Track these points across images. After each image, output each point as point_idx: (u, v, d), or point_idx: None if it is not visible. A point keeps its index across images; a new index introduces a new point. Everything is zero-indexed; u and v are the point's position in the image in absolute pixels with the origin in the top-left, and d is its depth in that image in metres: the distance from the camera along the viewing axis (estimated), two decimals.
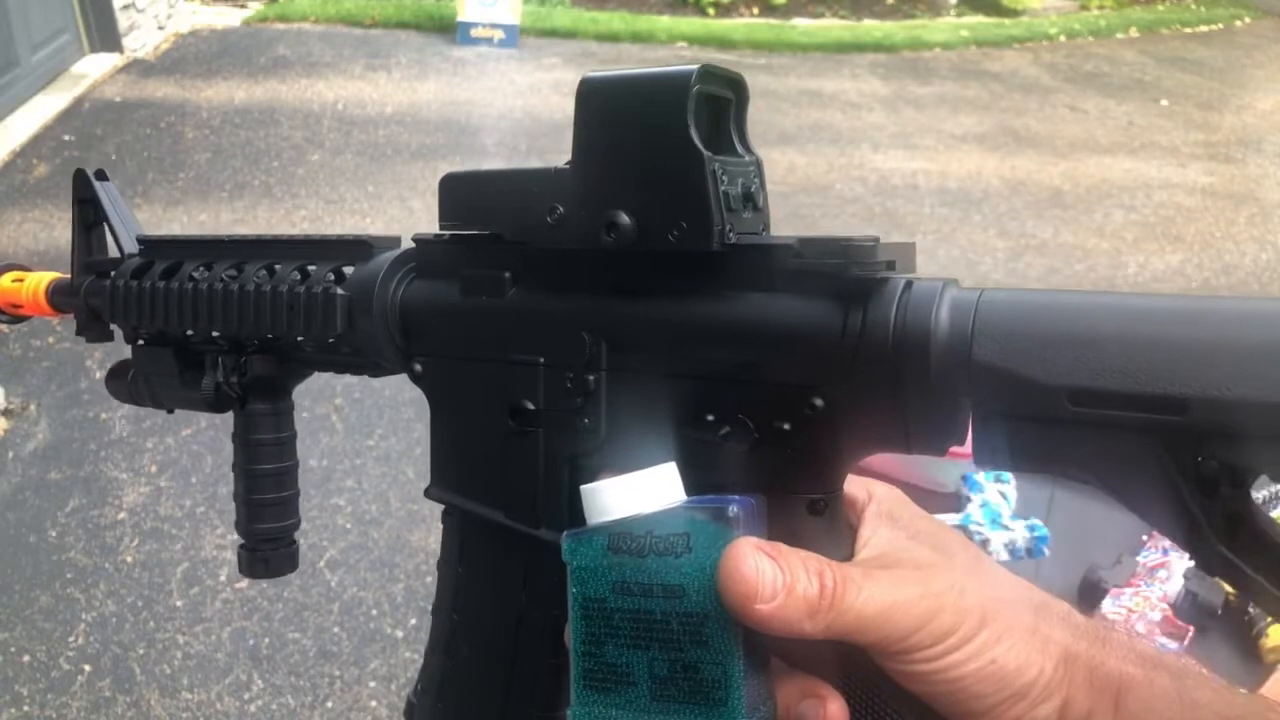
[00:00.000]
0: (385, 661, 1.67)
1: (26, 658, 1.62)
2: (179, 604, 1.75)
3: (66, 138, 3.69)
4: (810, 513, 0.33)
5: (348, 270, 0.43)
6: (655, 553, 0.31)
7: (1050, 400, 0.28)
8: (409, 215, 3.32)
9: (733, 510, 0.30)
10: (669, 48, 5.80)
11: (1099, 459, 0.28)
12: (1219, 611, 1.03)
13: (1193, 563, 1.08)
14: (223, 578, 1.82)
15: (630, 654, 0.31)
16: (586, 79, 0.35)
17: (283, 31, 5.33)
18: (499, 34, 5.32)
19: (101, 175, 0.54)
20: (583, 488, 0.32)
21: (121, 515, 1.95)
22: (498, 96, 4.59)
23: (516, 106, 4.48)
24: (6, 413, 2.21)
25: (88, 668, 1.61)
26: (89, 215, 0.54)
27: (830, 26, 6.68)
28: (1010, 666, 0.29)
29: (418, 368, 0.40)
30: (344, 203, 3.39)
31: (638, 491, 0.31)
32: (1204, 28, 7.67)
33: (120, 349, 0.53)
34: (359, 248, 0.43)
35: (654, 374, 0.35)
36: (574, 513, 0.36)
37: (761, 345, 0.33)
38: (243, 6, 5.74)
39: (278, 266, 0.45)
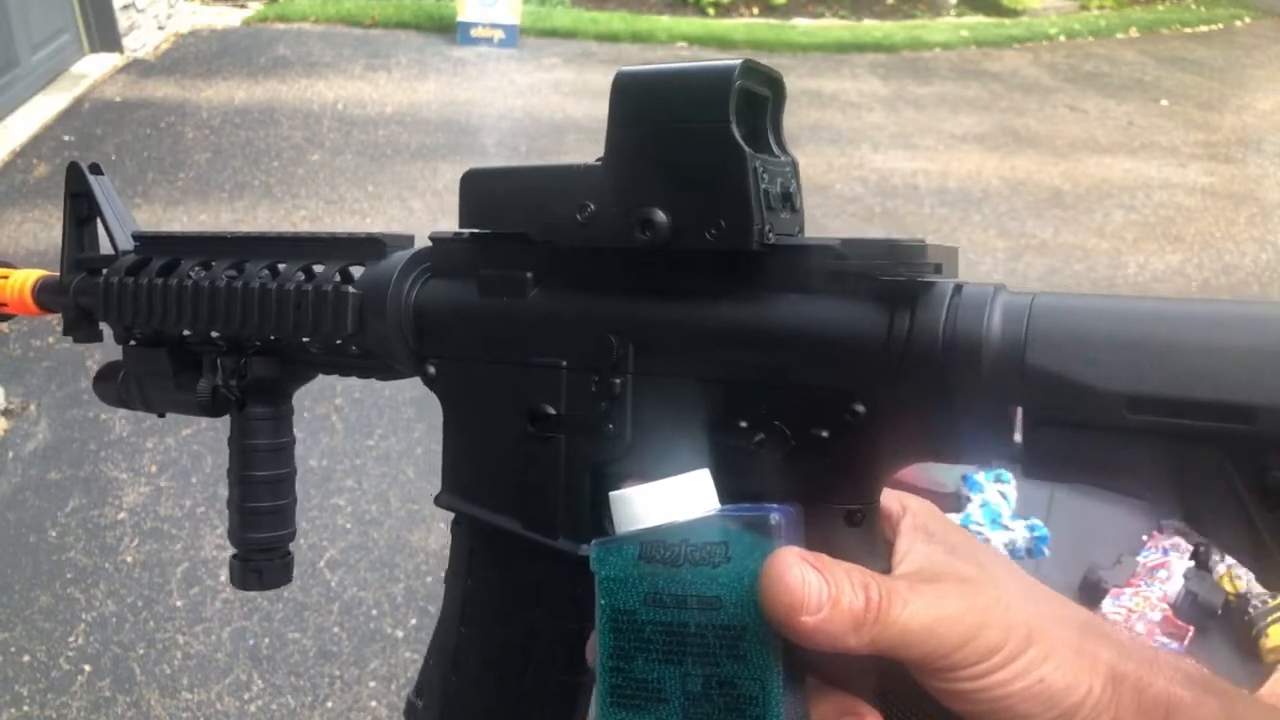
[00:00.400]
0: (385, 661, 1.67)
1: (26, 658, 1.62)
2: (179, 604, 1.75)
3: (66, 138, 3.69)
4: (848, 524, 0.32)
5: (355, 270, 0.42)
6: (690, 563, 0.29)
7: (1108, 407, 0.27)
8: (409, 215, 3.32)
9: (774, 519, 0.29)
10: (669, 48, 5.80)
11: (1157, 469, 0.27)
12: (1219, 611, 1.03)
13: (1192, 562, 1.08)
14: (223, 578, 1.82)
15: (662, 669, 0.30)
16: (622, 73, 0.33)
17: (283, 31, 5.33)
18: (499, 34, 5.32)
19: (96, 169, 0.52)
20: (611, 495, 0.31)
21: (121, 515, 1.95)
22: (498, 96, 4.59)
23: (516, 106, 4.48)
24: (7, 413, 2.21)
25: (88, 668, 1.61)
26: (82, 210, 0.52)
27: (830, 26, 6.68)
28: (1058, 686, 0.28)
29: (431, 370, 0.39)
30: (344, 203, 3.39)
31: (670, 499, 0.30)
32: (1204, 28, 7.67)
33: (116, 350, 0.52)
34: (371, 246, 0.42)
35: (684, 378, 0.34)
36: (596, 522, 0.35)
37: (800, 349, 0.32)
38: (243, 6, 5.74)
39: (282, 265, 0.44)
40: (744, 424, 0.32)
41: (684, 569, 0.29)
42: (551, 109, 4.49)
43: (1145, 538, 1.12)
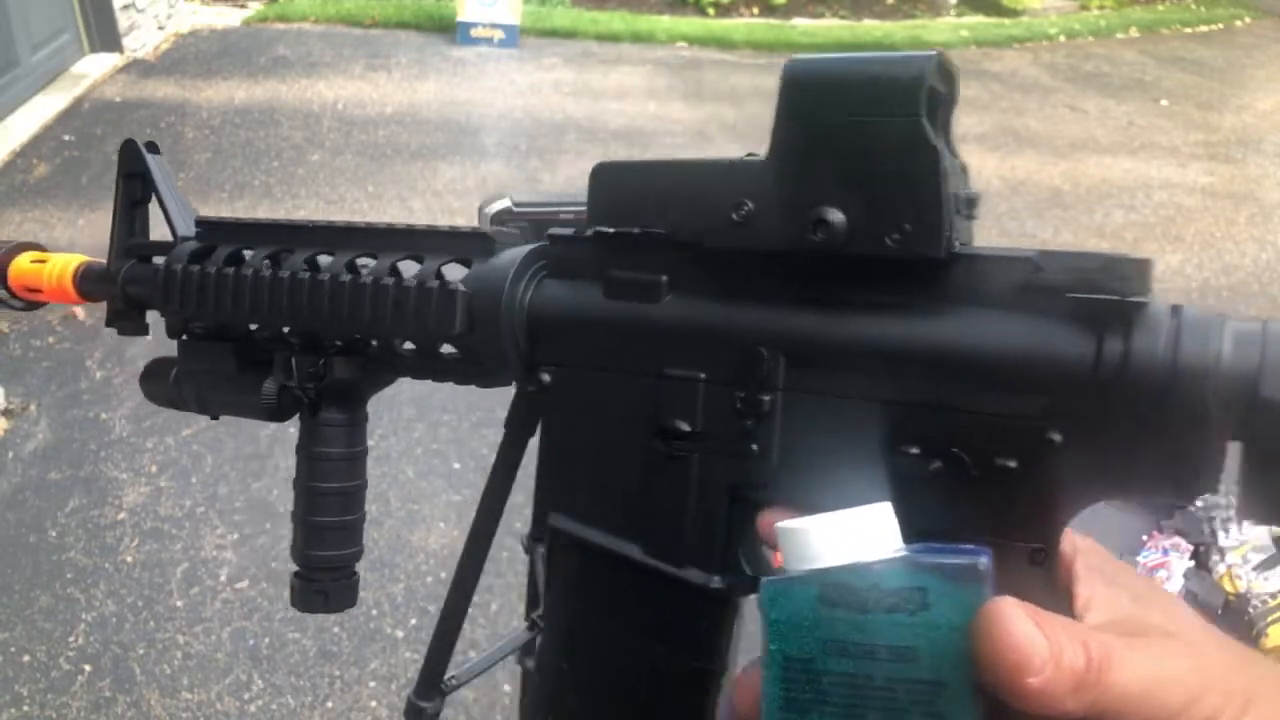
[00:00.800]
0: (385, 661, 1.67)
1: (27, 658, 1.62)
2: (179, 604, 1.75)
3: (67, 138, 3.69)
4: (1030, 564, 0.29)
5: (448, 270, 0.38)
6: (881, 609, 0.27)
7: None
8: (409, 215, 3.32)
9: (983, 564, 0.26)
10: (669, 48, 5.80)
11: None
12: (1219, 611, 1.03)
13: (1192, 562, 1.08)
14: (223, 578, 1.82)
15: None
16: (796, 64, 0.31)
17: (283, 31, 5.33)
18: (499, 34, 5.32)
19: (153, 148, 0.48)
20: (780, 526, 0.28)
21: (121, 515, 1.95)
22: (498, 96, 4.59)
23: (517, 106, 4.48)
24: (7, 413, 2.21)
25: (88, 668, 1.61)
26: (135, 192, 0.48)
27: (830, 26, 6.68)
28: None
29: (545, 378, 0.36)
30: (344, 203, 3.39)
31: (853, 535, 0.27)
32: (1204, 28, 7.67)
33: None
34: (478, 241, 0.38)
35: (844, 397, 0.31)
36: (730, 550, 0.33)
37: (988, 370, 0.29)
38: (242, 6, 5.74)
39: (369, 259, 0.40)
40: (915, 450, 0.30)
41: (873, 615, 0.27)
42: (552, 109, 4.49)
43: (1145, 538, 1.12)
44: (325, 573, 0.45)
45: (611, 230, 0.35)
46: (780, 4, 6.92)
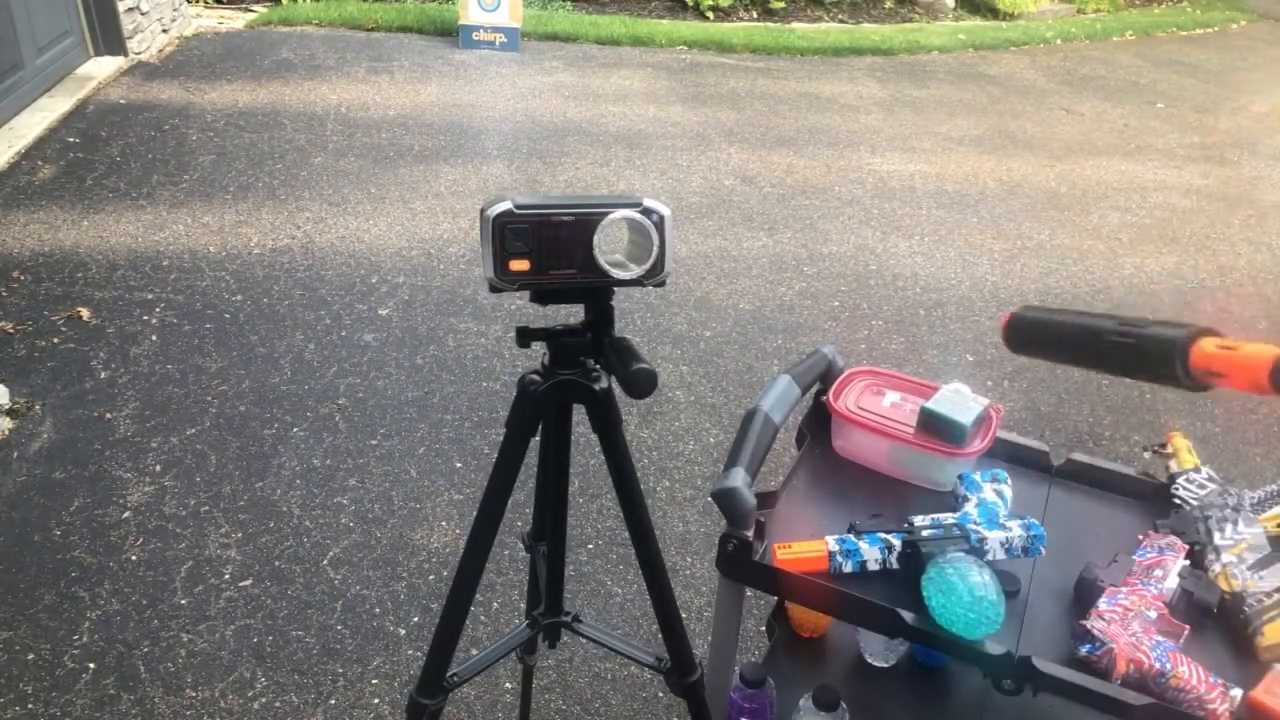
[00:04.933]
0: (388, 659, 1.68)
1: (31, 656, 1.63)
2: (183, 602, 1.76)
3: (71, 140, 3.71)
4: None
5: None
6: None
7: None
8: (411, 217, 3.33)
9: None
10: (669, 51, 5.82)
11: None
12: (1215, 610, 1.03)
13: (1188, 561, 1.08)
14: (226, 576, 1.83)
15: None
16: None
17: (286, 35, 5.34)
18: (500, 37, 5.34)
19: None
20: None
21: (126, 514, 1.96)
22: (499, 99, 4.61)
23: (518, 109, 4.50)
24: (11, 412, 2.22)
25: (92, 666, 1.62)
26: None
27: (828, 30, 6.70)
28: None
29: None
30: (347, 205, 3.41)
31: None
32: (1199, 31, 7.70)
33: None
34: None
35: None
36: None
37: None
38: (246, 10, 5.76)
39: None
40: None
41: None
42: (553, 112, 4.50)
43: (1141, 536, 1.13)
44: None
45: None
46: (779, 7, 6.95)
